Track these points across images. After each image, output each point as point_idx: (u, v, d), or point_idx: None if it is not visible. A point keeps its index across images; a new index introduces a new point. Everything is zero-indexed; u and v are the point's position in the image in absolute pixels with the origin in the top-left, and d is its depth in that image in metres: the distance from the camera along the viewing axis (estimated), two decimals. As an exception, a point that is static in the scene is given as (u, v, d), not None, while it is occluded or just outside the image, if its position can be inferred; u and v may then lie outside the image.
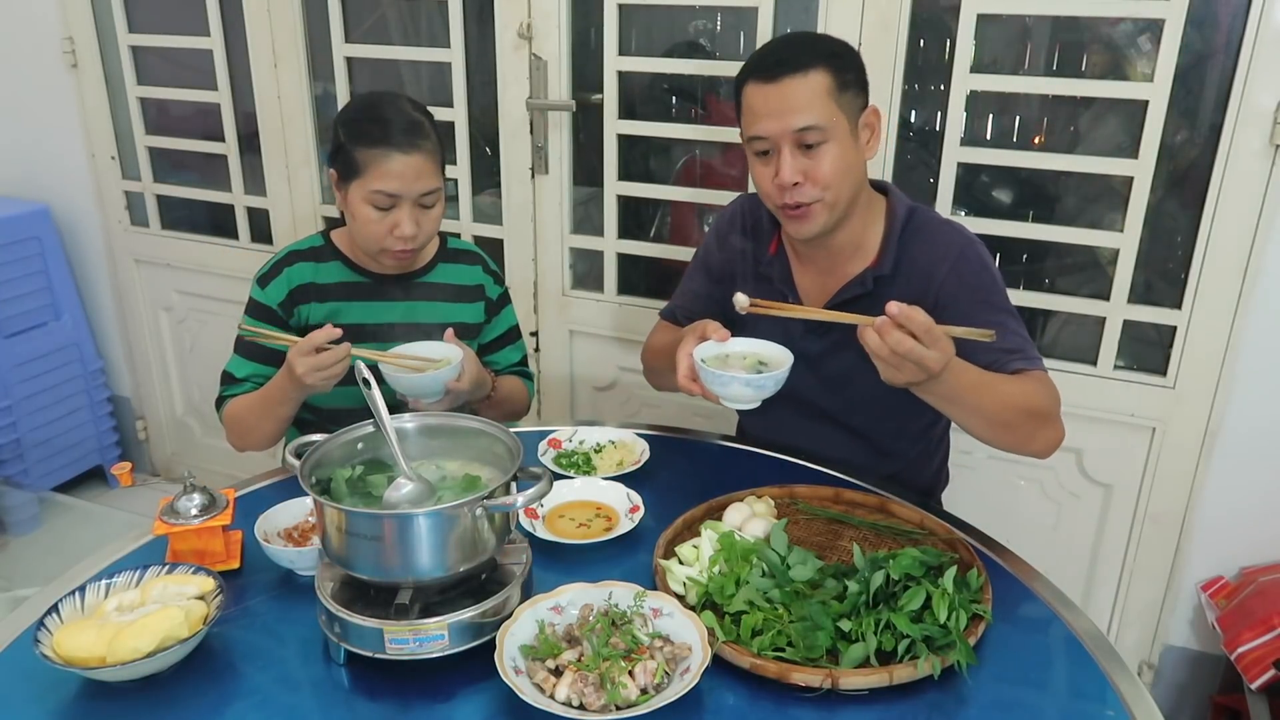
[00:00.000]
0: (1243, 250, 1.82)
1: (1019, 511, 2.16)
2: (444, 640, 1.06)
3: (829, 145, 1.44)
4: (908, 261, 1.53)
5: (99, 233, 3.06)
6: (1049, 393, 1.47)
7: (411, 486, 1.11)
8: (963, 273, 1.50)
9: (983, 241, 1.55)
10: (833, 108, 1.43)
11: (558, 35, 2.23)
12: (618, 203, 2.34)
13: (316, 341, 1.45)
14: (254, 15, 2.55)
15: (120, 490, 3.17)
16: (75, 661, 1.04)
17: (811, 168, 1.44)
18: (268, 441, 1.67)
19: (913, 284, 1.52)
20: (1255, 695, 1.85)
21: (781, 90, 1.42)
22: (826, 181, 1.45)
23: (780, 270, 1.63)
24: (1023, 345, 1.48)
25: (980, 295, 1.49)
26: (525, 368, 1.88)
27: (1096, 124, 2.06)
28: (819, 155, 1.44)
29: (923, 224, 1.56)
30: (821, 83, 1.42)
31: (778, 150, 1.45)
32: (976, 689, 1.08)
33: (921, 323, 1.21)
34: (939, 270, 1.50)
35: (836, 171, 1.45)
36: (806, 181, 1.44)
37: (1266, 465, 1.95)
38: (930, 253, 1.52)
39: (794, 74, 1.42)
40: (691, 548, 1.25)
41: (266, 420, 1.62)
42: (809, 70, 1.42)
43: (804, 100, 1.42)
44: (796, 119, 1.42)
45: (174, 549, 1.26)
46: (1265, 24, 1.70)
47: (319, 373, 1.46)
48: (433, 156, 1.57)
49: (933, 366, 1.22)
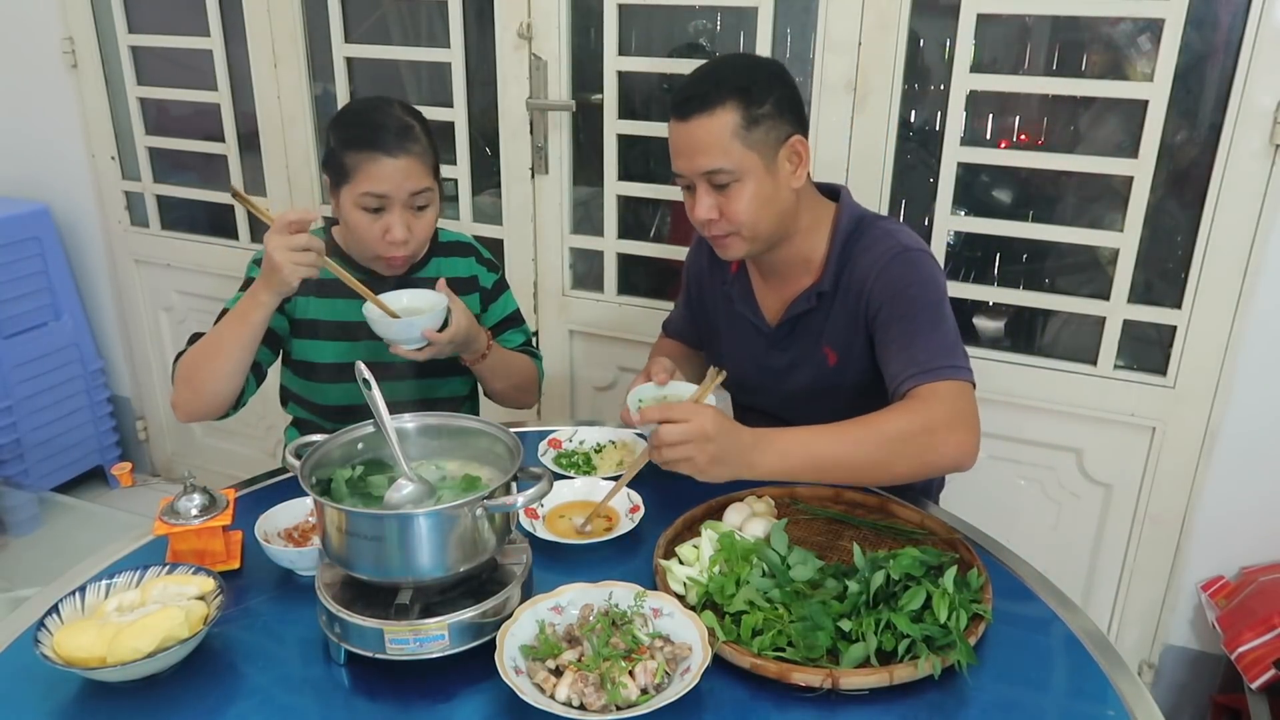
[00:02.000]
0: (1243, 250, 1.82)
1: (1019, 511, 2.16)
2: (444, 640, 1.06)
3: (740, 185, 1.42)
4: (847, 275, 1.51)
5: (99, 233, 3.06)
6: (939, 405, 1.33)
7: (412, 488, 1.11)
8: (888, 282, 1.45)
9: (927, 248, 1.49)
10: (739, 148, 1.39)
11: (558, 35, 2.23)
12: (618, 203, 2.34)
13: (291, 218, 1.43)
14: (254, 15, 2.55)
15: (120, 490, 3.17)
16: (75, 662, 1.04)
17: (725, 204, 1.43)
18: (220, 383, 1.51)
19: (849, 298, 1.51)
20: (1255, 695, 1.85)
21: (690, 130, 1.41)
22: (739, 220, 1.44)
23: (741, 289, 1.64)
24: (929, 359, 1.37)
25: (900, 306, 1.43)
26: (531, 349, 1.84)
27: (1096, 124, 2.06)
28: (731, 194, 1.42)
29: (866, 235, 1.51)
30: (727, 123, 1.38)
31: (695, 187, 1.45)
32: (976, 689, 1.08)
33: (652, 412, 1.24)
34: (868, 282, 1.47)
35: (750, 209, 1.43)
36: (721, 218, 1.44)
37: (1266, 465, 1.95)
38: (865, 265, 1.49)
39: (700, 113, 1.39)
40: (692, 548, 1.26)
41: (228, 342, 1.49)
42: (715, 109, 1.38)
43: (709, 142, 1.39)
44: (703, 161, 1.40)
45: (174, 549, 1.26)
46: (1265, 24, 1.70)
47: (291, 253, 1.41)
48: (422, 159, 1.57)
49: (701, 429, 1.21)
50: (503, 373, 1.72)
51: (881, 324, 1.46)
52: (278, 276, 1.43)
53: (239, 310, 1.50)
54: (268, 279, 1.45)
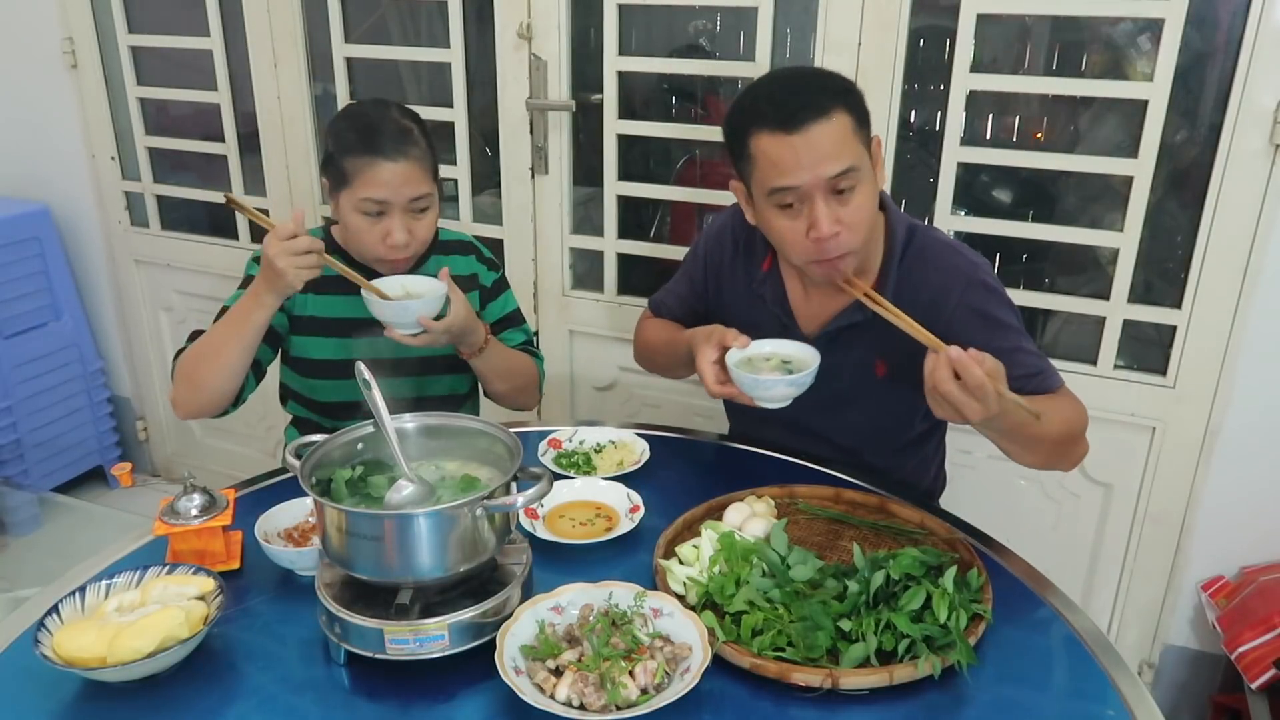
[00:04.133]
0: (1243, 250, 1.82)
1: (1019, 511, 2.16)
2: (444, 640, 1.06)
3: (860, 188, 1.36)
4: (910, 288, 1.47)
5: (99, 233, 3.06)
6: (1082, 410, 1.44)
7: (412, 488, 1.11)
8: (973, 303, 1.44)
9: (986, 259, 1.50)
10: (859, 148, 1.36)
11: (558, 35, 2.23)
12: (618, 203, 2.34)
13: (291, 227, 1.43)
14: (254, 15, 2.55)
15: (120, 490, 3.16)
16: (75, 662, 1.04)
17: (846, 214, 1.36)
18: (220, 381, 1.52)
19: (915, 313, 1.44)
20: (1255, 695, 1.85)
21: (808, 138, 1.32)
22: (860, 226, 1.38)
23: (774, 290, 1.58)
24: (1044, 366, 1.44)
25: (994, 325, 1.44)
26: (531, 348, 1.83)
27: (1096, 124, 2.06)
28: (851, 200, 1.36)
29: (924, 247, 1.49)
30: (846, 123, 1.34)
31: (809, 201, 1.35)
32: (976, 689, 1.08)
33: (975, 376, 1.18)
34: (947, 301, 1.45)
35: (868, 216, 1.39)
36: (843, 229, 1.36)
37: (1266, 465, 1.95)
38: (936, 281, 1.46)
39: (817, 120, 1.32)
40: (692, 548, 1.26)
41: (229, 342, 1.50)
42: (830, 113, 1.33)
43: (834, 145, 1.33)
44: (830, 166, 1.33)
45: (174, 549, 1.26)
46: (1265, 24, 1.70)
47: (292, 257, 1.42)
48: (421, 163, 1.56)
49: (970, 416, 1.21)
50: (503, 371, 1.71)
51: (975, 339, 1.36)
52: (282, 281, 1.44)
53: (240, 310, 1.50)
54: (271, 283, 1.45)
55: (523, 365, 1.76)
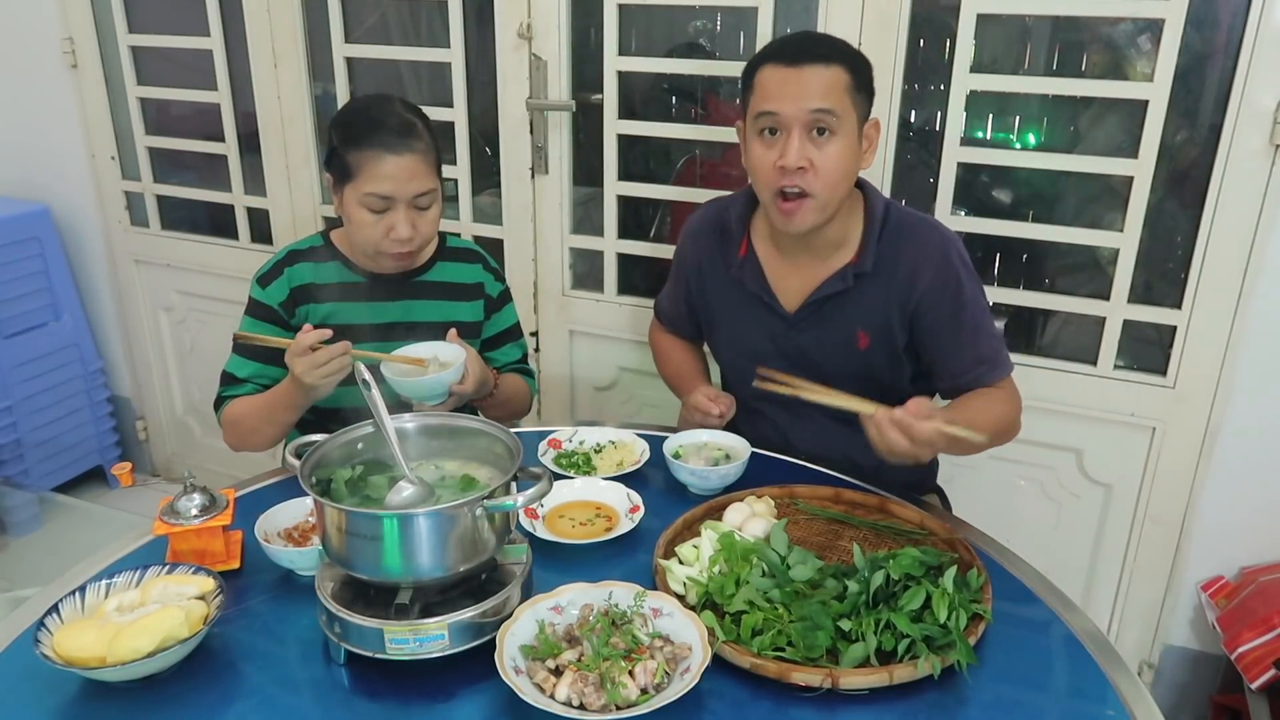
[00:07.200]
0: (1243, 250, 1.82)
1: (1019, 511, 2.16)
2: (444, 640, 1.06)
3: (837, 138, 1.46)
4: (889, 259, 1.55)
5: (99, 233, 3.06)
6: (1016, 400, 1.59)
7: (412, 490, 1.11)
8: (945, 279, 1.54)
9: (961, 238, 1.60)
10: (847, 102, 1.46)
11: (558, 35, 2.23)
12: (618, 203, 2.34)
13: (306, 342, 1.45)
14: (254, 15, 2.55)
15: (120, 490, 3.16)
16: (75, 661, 1.04)
17: (818, 157, 1.46)
18: (267, 444, 1.67)
19: (894, 284, 1.55)
20: (1255, 695, 1.85)
21: (802, 75, 1.44)
22: (828, 174, 1.46)
23: (752, 272, 1.64)
24: (994, 353, 1.57)
25: (959, 303, 1.54)
26: (526, 365, 1.87)
27: (1096, 124, 2.06)
28: (826, 145, 1.46)
29: (902, 221, 1.58)
30: (840, 77, 1.45)
31: (787, 133, 1.46)
32: (976, 689, 1.08)
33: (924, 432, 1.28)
34: (922, 275, 1.54)
35: (838, 168, 1.47)
36: (810, 169, 1.46)
37: (1266, 465, 1.95)
38: (914, 254, 1.55)
39: (816, 62, 1.45)
40: (691, 548, 1.26)
41: (269, 425, 1.62)
42: (830, 63, 1.45)
43: (823, 86, 1.44)
44: (815, 100, 1.44)
45: (174, 549, 1.26)
46: (1265, 24, 1.70)
47: (317, 370, 1.45)
48: (426, 157, 1.57)
49: (924, 459, 1.33)
50: (502, 401, 1.76)
51: (943, 316, 1.54)
52: (314, 392, 1.49)
53: (276, 404, 1.58)
54: (303, 391, 1.50)
55: (519, 394, 1.82)
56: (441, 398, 1.53)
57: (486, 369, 1.65)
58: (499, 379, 1.72)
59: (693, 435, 1.60)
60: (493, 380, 1.68)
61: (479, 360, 1.61)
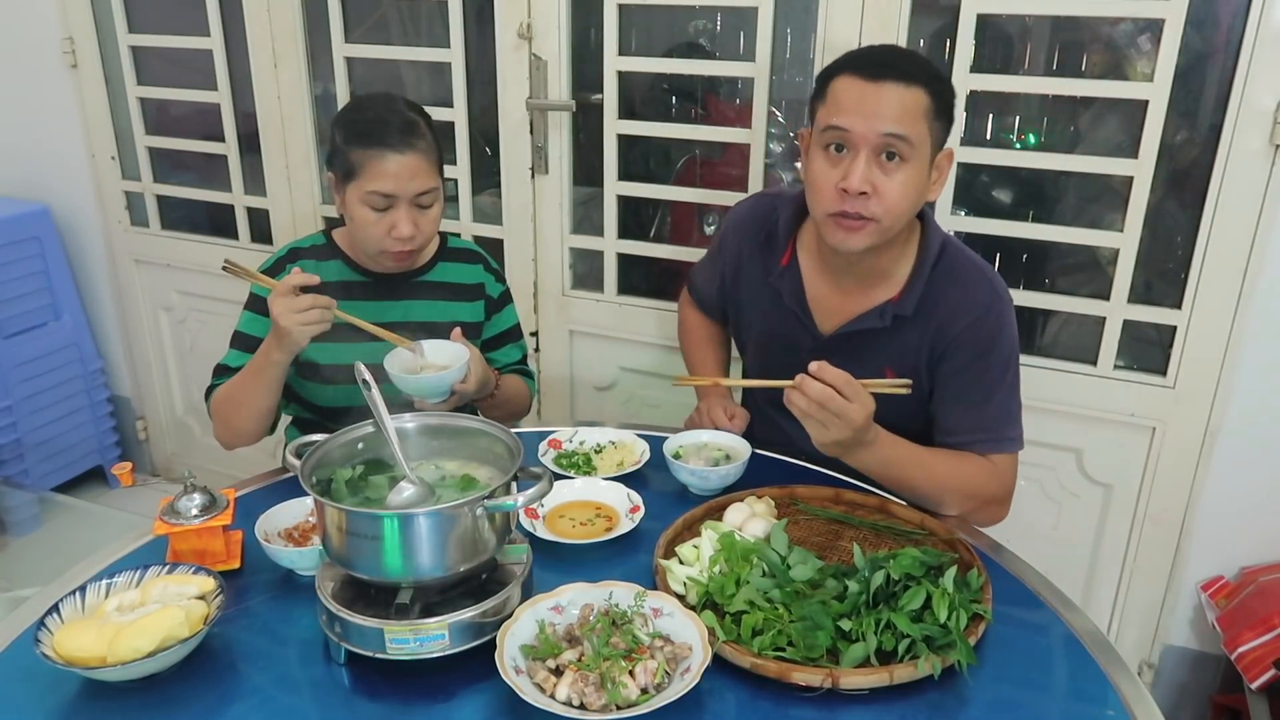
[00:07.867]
0: (1243, 250, 1.82)
1: (1019, 511, 2.13)
2: (444, 640, 1.06)
3: (908, 165, 1.36)
4: (930, 302, 1.47)
5: (99, 233, 3.06)
6: (999, 480, 1.48)
7: (412, 490, 1.11)
8: (979, 334, 1.45)
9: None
10: (923, 128, 1.36)
11: (558, 35, 2.23)
12: (618, 203, 2.34)
13: (293, 282, 1.44)
14: (254, 15, 2.55)
15: (120, 490, 3.16)
16: (75, 661, 1.04)
17: (883, 183, 1.36)
18: (254, 424, 1.61)
19: (929, 328, 1.47)
20: (1255, 695, 1.85)
21: (880, 92, 1.34)
22: (891, 204, 1.37)
23: (791, 285, 1.57)
24: (999, 427, 1.48)
25: (983, 363, 1.46)
26: (525, 366, 1.88)
27: (1096, 124, 2.06)
28: (895, 172, 1.36)
29: (955, 264, 1.48)
30: (921, 100, 1.35)
31: (854, 152, 1.36)
32: (976, 689, 1.08)
33: (838, 375, 1.26)
34: (958, 322, 1.45)
35: (904, 196, 1.38)
36: (874, 195, 1.36)
37: (1266, 465, 1.95)
38: (957, 301, 1.46)
39: (897, 81, 1.34)
40: (692, 548, 1.26)
41: (252, 393, 1.57)
42: (912, 84, 1.35)
43: (900, 108, 1.34)
44: (889, 124, 1.34)
45: (174, 549, 1.26)
46: (1265, 24, 1.70)
47: (295, 314, 1.43)
48: (428, 156, 1.57)
49: (855, 418, 1.28)
50: (502, 402, 1.76)
51: (959, 368, 1.46)
52: (289, 339, 1.46)
53: (255, 365, 1.55)
54: (279, 339, 1.47)
55: (519, 395, 1.82)
56: (443, 396, 1.53)
57: (488, 369, 1.65)
58: (499, 380, 1.72)
59: (693, 435, 1.60)
60: (494, 381, 1.69)
61: (481, 360, 1.61)
